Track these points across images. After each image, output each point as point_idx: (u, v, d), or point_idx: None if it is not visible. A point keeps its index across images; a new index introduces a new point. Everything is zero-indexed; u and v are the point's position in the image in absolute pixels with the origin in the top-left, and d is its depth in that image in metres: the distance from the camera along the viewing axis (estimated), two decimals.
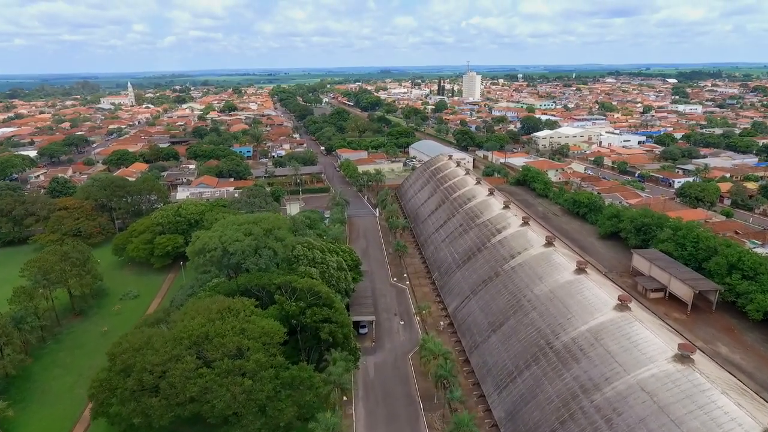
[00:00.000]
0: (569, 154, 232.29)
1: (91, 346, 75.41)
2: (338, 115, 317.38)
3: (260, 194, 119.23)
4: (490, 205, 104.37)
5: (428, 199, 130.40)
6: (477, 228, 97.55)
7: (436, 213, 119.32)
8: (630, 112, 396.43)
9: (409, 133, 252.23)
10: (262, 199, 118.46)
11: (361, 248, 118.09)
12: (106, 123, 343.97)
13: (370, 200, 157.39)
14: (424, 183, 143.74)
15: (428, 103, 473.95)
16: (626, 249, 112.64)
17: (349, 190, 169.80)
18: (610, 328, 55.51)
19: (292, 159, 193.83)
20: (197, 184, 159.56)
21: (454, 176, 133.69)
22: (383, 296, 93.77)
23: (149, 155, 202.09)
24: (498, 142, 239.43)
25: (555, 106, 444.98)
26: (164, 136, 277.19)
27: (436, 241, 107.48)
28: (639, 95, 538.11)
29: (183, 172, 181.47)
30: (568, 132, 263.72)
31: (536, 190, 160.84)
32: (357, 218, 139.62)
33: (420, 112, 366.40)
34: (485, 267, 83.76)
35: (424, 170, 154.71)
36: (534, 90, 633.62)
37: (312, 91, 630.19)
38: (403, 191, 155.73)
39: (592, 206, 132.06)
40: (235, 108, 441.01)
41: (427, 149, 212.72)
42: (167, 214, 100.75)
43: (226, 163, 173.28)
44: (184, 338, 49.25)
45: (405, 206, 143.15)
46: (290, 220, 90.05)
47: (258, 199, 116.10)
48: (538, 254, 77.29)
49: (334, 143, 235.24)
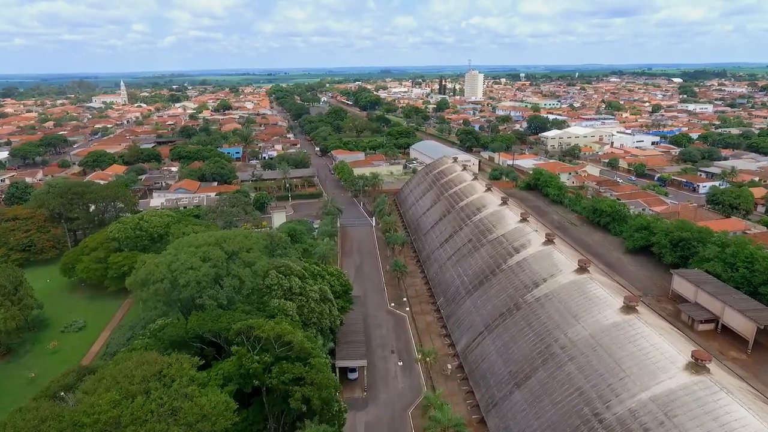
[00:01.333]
0: (580, 156, 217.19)
1: (10, 398, 60.15)
2: (335, 114, 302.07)
3: (239, 202, 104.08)
4: (504, 217, 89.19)
5: (431, 207, 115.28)
6: (489, 245, 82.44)
7: (440, 224, 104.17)
8: (639, 111, 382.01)
9: (410, 133, 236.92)
10: (242, 207, 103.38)
11: (354, 264, 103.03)
12: (93, 122, 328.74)
13: (366, 207, 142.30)
14: (426, 188, 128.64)
15: (429, 102, 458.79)
16: (660, 266, 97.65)
17: (344, 196, 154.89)
18: (685, 401, 40.39)
19: (283, 161, 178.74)
20: (175, 189, 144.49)
21: (460, 181, 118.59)
22: (378, 326, 78.73)
23: (129, 156, 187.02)
24: (504, 143, 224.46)
25: (560, 105, 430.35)
26: (150, 136, 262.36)
27: (441, 258, 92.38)
28: (645, 94, 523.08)
29: (163, 176, 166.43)
30: (578, 132, 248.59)
31: (550, 196, 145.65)
32: (351, 228, 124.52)
33: (421, 111, 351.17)
34: (502, 296, 68.62)
35: (426, 174, 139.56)
36: (537, 89, 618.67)
37: (310, 90, 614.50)
38: (402, 197, 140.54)
39: (616, 215, 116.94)
40: (229, 107, 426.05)
41: (429, 150, 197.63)
42: (126, 228, 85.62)
43: (210, 165, 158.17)
44: (86, 426, 34.21)
45: (405, 215, 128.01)
46: (266, 237, 74.97)
47: (237, 208, 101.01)
48: (570, 283, 62.18)
49: (330, 144, 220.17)
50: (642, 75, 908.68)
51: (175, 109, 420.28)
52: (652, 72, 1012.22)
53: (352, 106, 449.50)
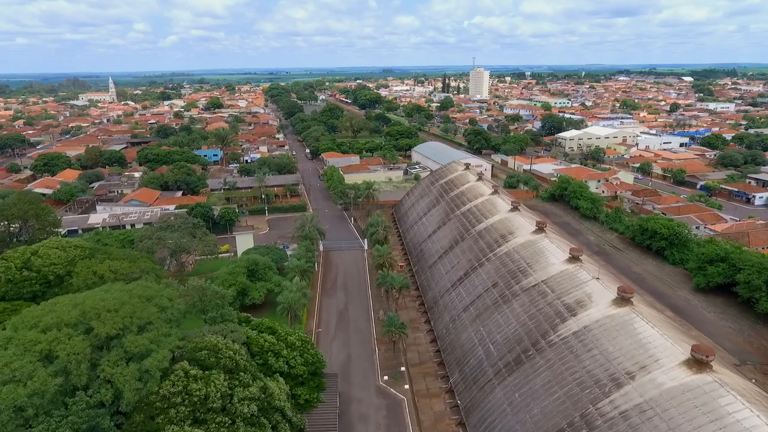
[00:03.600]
0: (604, 159, 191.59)
1: None
2: (330, 112, 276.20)
3: (185, 224, 78.60)
4: (543, 251, 63.61)
5: (438, 228, 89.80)
6: (526, 296, 57.03)
7: (450, 254, 78.72)
8: (656, 110, 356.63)
9: (411, 133, 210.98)
10: (188, 230, 77.93)
11: (336, 308, 77.69)
12: (68, 120, 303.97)
13: (358, 223, 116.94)
14: (432, 202, 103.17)
15: (432, 100, 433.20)
16: (749, 313, 72.37)
17: (334, 209, 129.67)
18: None
19: (264, 165, 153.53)
20: (128, 201, 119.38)
21: (475, 195, 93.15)
22: (363, 421, 53.33)
23: (86, 160, 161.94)
24: (518, 145, 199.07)
25: (570, 103, 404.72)
26: (125, 136, 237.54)
27: (453, 306, 66.96)
28: (659, 93, 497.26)
29: (121, 183, 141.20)
30: (599, 132, 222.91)
31: (580, 210, 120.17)
32: (337, 254, 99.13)
33: (424, 109, 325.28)
34: (558, 393, 43.18)
35: (431, 183, 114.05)
36: (544, 88, 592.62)
37: (308, 88, 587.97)
38: (402, 212, 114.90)
39: (675, 239, 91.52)
40: (220, 105, 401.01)
41: (434, 153, 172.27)
42: (9, 267, 60.56)
43: (173, 172, 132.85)
44: None
45: (405, 235, 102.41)
46: (195, 292, 49.74)
47: (179, 233, 75.48)
48: (682, 385, 36.76)
49: (321, 145, 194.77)
50: (649, 74, 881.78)
51: (162, 107, 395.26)
52: (660, 71, 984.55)
53: (351, 105, 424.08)
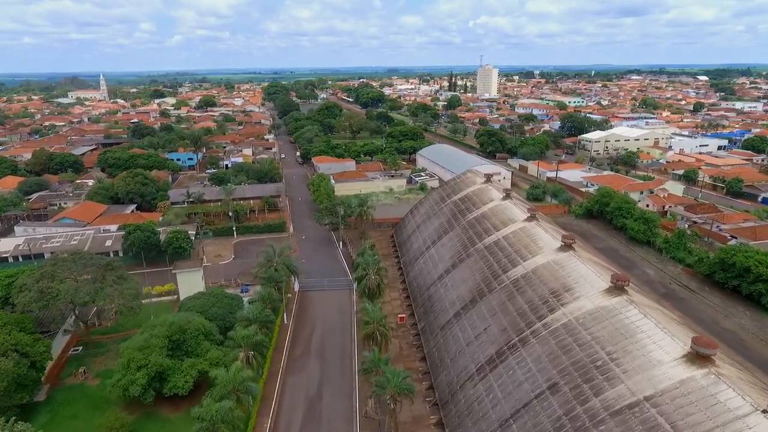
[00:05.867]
0: (638, 164, 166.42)
1: None
2: (327, 110, 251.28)
3: (90, 263, 54.37)
4: (620, 316, 38.84)
5: (453, 267, 65.01)
6: (619, 420, 32.50)
7: (473, 312, 54.03)
8: (679, 110, 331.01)
9: (416, 134, 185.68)
10: (99, 271, 53.63)
11: (305, 395, 52.90)
12: (45, 119, 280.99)
13: (348, 249, 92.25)
14: (444, 227, 78.41)
15: (438, 99, 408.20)
16: None
17: (320, 228, 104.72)
18: None
19: (241, 172, 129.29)
20: (58, 219, 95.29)
21: (502, 221, 68.43)
22: None
23: (34, 165, 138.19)
24: (537, 148, 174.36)
25: (585, 102, 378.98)
26: (98, 136, 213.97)
27: (486, 414, 42.41)
28: (678, 92, 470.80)
29: (64, 194, 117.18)
30: (628, 133, 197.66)
31: (628, 232, 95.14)
32: (318, 295, 74.58)
33: (430, 108, 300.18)
34: None
35: (441, 200, 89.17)
36: (555, 87, 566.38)
37: (308, 86, 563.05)
38: (405, 236, 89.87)
39: None
40: (213, 103, 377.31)
41: (443, 158, 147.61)
42: None
43: (126, 181, 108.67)
44: None
45: (408, 270, 77.45)
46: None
47: (84, 276, 51.00)
48: None
49: (314, 147, 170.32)
50: (660, 73, 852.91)
51: (151, 106, 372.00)
52: (671, 71, 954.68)
53: (353, 104, 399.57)
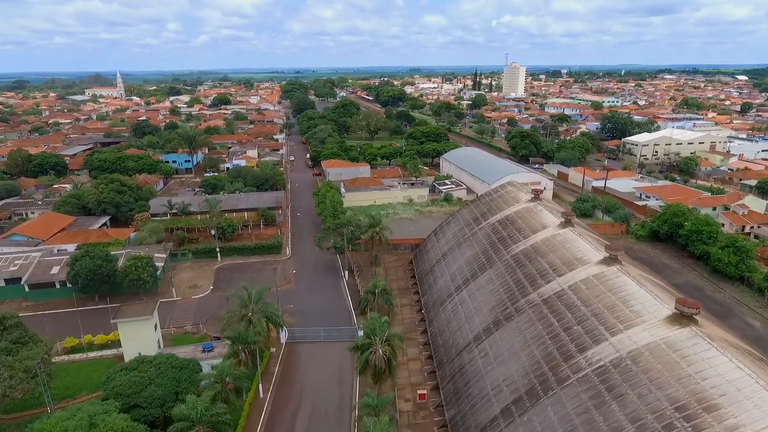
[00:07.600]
0: (696, 172, 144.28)
1: None
2: (343, 108, 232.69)
3: None
4: None
5: (495, 326, 45.89)
6: None
7: (537, 408, 34.99)
8: (725, 110, 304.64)
9: (440, 136, 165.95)
10: None
11: None
12: (51, 116, 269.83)
13: (356, 279, 73.67)
14: (479, 258, 59.01)
15: (462, 98, 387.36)
16: None
17: (322, 252, 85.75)
18: None
19: (238, 177, 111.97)
20: (8, 235, 79.00)
21: (564, 258, 48.91)
22: None
23: (10, 167, 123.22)
24: (577, 152, 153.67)
25: (621, 102, 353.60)
26: (98, 135, 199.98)
27: None
28: (720, 92, 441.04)
29: (31, 202, 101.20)
30: (681, 136, 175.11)
31: (714, 263, 74.44)
32: (311, 350, 56.12)
33: (454, 107, 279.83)
34: None
35: (475, 221, 69.61)
36: (585, 86, 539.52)
37: (327, 84, 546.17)
38: (427, 266, 70.52)
39: None
40: (228, 101, 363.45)
41: (471, 164, 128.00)
42: None
43: (98, 188, 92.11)
44: None
45: (432, 318, 58.33)
46: None
47: None
48: None
49: (324, 149, 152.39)
50: (695, 73, 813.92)
51: (165, 103, 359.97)
52: (705, 71, 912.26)
53: (373, 102, 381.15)
